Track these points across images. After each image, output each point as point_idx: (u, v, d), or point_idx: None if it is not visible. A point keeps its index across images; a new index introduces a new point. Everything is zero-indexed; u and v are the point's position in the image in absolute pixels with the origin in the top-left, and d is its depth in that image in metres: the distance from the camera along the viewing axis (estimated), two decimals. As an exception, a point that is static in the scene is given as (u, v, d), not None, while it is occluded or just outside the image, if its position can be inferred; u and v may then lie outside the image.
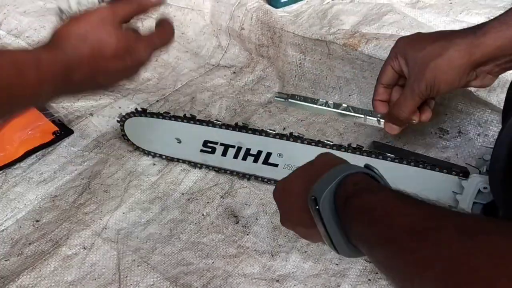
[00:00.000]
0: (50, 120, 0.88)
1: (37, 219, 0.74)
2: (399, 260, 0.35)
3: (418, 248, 0.32)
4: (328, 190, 0.44)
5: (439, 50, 0.59)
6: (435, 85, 0.60)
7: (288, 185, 0.53)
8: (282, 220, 0.55)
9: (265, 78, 1.03)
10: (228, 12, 1.10)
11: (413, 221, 0.35)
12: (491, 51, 0.57)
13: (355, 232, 0.42)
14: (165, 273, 0.66)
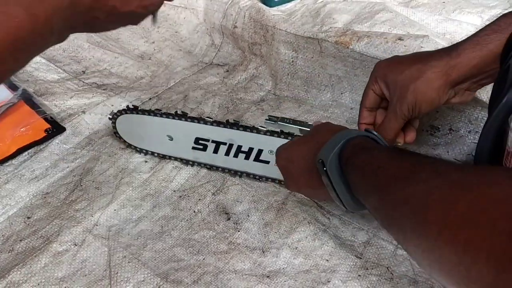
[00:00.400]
0: (42, 117, 0.88)
1: (28, 216, 0.74)
2: (387, 203, 0.40)
3: (400, 188, 0.38)
4: (334, 153, 0.51)
5: (417, 73, 0.62)
6: (417, 106, 0.63)
7: (293, 152, 0.60)
8: (288, 184, 0.63)
9: (258, 76, 1.03)
10: (221, 10, 1.10)
11: (399, 169, 0.41)
12: (467, 71, 0.60)
13: (355, 186, 0.50)
14: (155, 269, 0.66)
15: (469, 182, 0.32)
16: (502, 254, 0.26)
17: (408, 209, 0.36)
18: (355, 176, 0.49)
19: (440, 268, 0.31)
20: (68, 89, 0.98)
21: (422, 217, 0.34)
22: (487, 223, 0.28)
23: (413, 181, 0.37)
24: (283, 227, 0.72)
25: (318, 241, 0.69)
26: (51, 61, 1.05)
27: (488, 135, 0.49)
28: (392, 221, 0.39)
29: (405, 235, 0.36)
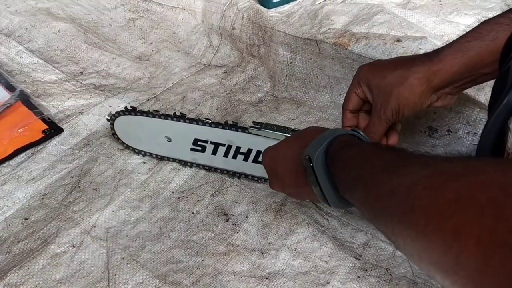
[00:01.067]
0: (40, 118, 0.88)
1: (26, 217, 0.74)
2: (373, 195, 0.41)
3: (387, 180, 0.38)
4: (320, 150, 0.51)
5: (399, 78, 0.62)
6: (400, 110, 0.63)
7: (279, 151, 0.61)
8: (272, 183, 0.63)
9: (256, 78, 1.03)
10: (219, 11, 1.10)
11: (385, 161, 0.42)
12: (448, 77, 0.61)
13: (341, 180, 0.50)
14: (154, 271, 0.66)
15: (456, 171, 0.32)
16: (490, 239, 0.26)
17: (395, 200, 0.36)
18: (341, 170, 0.49)
19: (429, 257, 0.32)
20: (66, 90, 0.98)
21: (410, 206, 0.33)
22: (474, 209, 0.28)
23: (400, 173, 0.38)
24: (282, 228, 0.72)
25: (317, 243, 0.69)
26: (48, 62, 1.05)
27: (488, 137, 0.49)
28: (379, 212, 0.39)
29: (393, 226, 0.36)
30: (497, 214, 0.27)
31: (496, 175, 0.29)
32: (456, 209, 0.29)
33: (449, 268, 0.30)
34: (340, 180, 0.50)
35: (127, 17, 1.20)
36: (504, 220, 0.26)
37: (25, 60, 1.04)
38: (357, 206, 0.48)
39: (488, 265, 0.26)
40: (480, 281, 0.27)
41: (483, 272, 0.27)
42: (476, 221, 0.28)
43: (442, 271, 0.31)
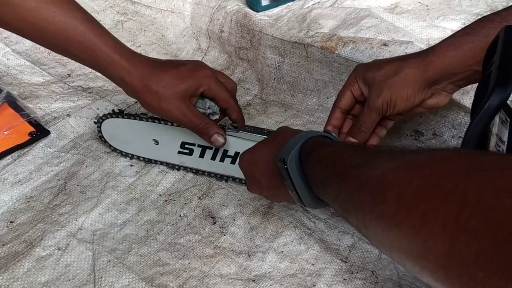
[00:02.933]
0: (27, 120, 0.87)
1: (11, 220, 0.73)
2: (344, 189, 0.42)
3: (358, 174, 0.40)
4: (294, 151, 0.53)
5: (395, 68, 0.64)
6: (392, 101, 0.64)
7: (255, 154, 0.62)
8: (250, 186, 0.64)
9: (244, 81, 1.04)
10: (208, 14, 1.10)
11: (355, 158, 0.43)
12: (442, 69, 0.62)
13: (314, 180, 0.51)
14: (140, 274, 0.65)
15: (422, 161, 0.34)
16: (455, 223, 0.28)
17: (366, 192, 0.37)
18: (314, 170, 0.51)
19: (400, 245, 0.33)
20: (53, 92, 0.97)
21: (380, 197, 0.35)
22: (440, 195, 0.30)
23: (369, 167, 0.39)
24: (269, 231, 0.72)
25: (304, 245, 0.69)
26: (36, 64, 1.04)
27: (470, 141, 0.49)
28: (351, 206, 0.40)
29: (364, 218, 0.37)
30: (461, 199, 0.28)
31: (460, 162, 0.31)
32: (423, 197, 0.31)
33: (419, 254, 0.31)
34: (313, 180, 0.51)
35: (115, 20, 1.19)
36: (467, 205, 0.28)
37: (12, 62, 1.04)
38: (330, 204, 0.49)
39: (454, 248, 0.27)
40: (448, 263, 0.28)
41: (450, 255, 0.28)
42: (441, 207, 0.29)
43: (412, 258, 0.32)
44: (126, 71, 0.66)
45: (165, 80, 0.67)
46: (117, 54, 0.66)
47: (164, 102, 0.68)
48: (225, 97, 0.72)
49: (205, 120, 0.71)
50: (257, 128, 0.73)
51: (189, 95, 0.69)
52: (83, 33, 0.64)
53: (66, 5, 0.64)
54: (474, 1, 1.12)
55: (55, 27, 0.63)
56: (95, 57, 0.66)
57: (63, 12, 0.63)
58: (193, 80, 0.69)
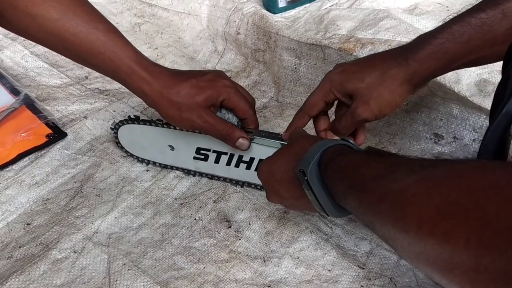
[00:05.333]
0: (44, 122, 0.88)
1: (28, 222, 0.74)
2: (365, 202, 0.42)
3: (377, 187, 0.40)
4: (313, 162, 0.52)
5: (378, 81, 0.63)
6: (381, 112, 0.65)
7: (273, 165, 0.61)
8: (270, 196, 0.64)
9: (260, 83, 1.03)
10: (224, 17, 1.10)
11: (375, 169, 0.43)
12: (426, 75, 0.63)
13: (335, 190, 0.51)
14: (155, 277, 0.65)
15: (440, 176, 0.34)
16: (478, 241, 0.28)
17: (386, 206, 0.37)
18: (334, 180, 0.50)
19: (426, 259, 0.33)
20: (71, 94, 0.98)
21: (400, 213, 0.35)
22: (460, 213, 0.30)
23: (388, 180, 0.39)
24: (285, 236, 0.71)
25: (320, 251, 0.68)
26: (53, 66, 1.05)
27: (489, 145, 0.48)
28: (373, 218, 0.40)
29: (388, 231, 0.38)
30: (481, 217, 0.29)
31: (478, 177, 0.32)
32: (444, 214, 0.31)
33: (445, 268, 0.31)
34: (334, 189, 0.51)
35: (132, 22, 1.20)
36: (488, 223, 0.28)
37: (30, 64, 1.05)
38: (353, 213, 0.49)
39: (480, 265, 0.28)
40: (475, 278, 0.29)
41: (477, 271, 0.28)
42: (463, 225, 0.30)
43: (438, 271, 0.32)
44: (146, 82, 0.67)
45: (185, 91, 0.67)
46: (138, 65, 0.66)
47: (185, 112, 0.67)
48: (244, 107, 0.72)
49: (227, 125, 0.70)
50: (271, 133, 0.73)
51: (209, 105, 0.69)
52: (104, 44, 0.64)
53: (89, 16, 0.65)
54: (496, 2, 1.09)
55: (76, 38, 0.63)
56: (116, 68, 0.66)
57: (85, 23, 0.63)
58: (212, 90, 0.69)
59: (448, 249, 0.30)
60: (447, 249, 0.30)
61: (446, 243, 0.30)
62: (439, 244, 0.31)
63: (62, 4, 0.63)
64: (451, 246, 0.30)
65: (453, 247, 0.30)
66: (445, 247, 0.31)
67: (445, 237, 0.31)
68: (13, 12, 0.61)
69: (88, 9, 0.66)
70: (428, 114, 0.84)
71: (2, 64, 1.04)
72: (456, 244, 0.30)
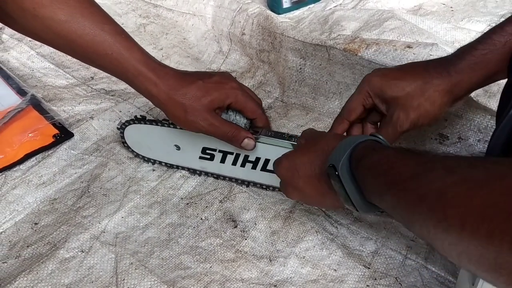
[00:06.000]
0: (51, 123, 0.89)
1: (36, 221, 0.74)
2: (403, 202, 0.42)
3: (415, 187, 0.40)
4: (345, 157, 0.51)
5: (419, 91, 0.63)
6: (419, 121, 0.64)
7: (296, 161, 0.60)
8: (291, 193, 0.63)
9: (265, 83, 1.03)
10: (229, 17, 1.10)
11: (411, 167, 0.42)
12: (468, 88, 0.62)
13: (367, 187, 0.50)
14: (162, 277, 0.66)
15: (479, 178, 0.34)
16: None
17: (427, 207, 0.37)
18: (368, 177, 0.50)
19: (469, 259, 0.34)
20: (77, 94, 0.99)
21: (442, 214, 0.35)
22: (502, 215, 0.30)
23: (426, 180, 0.39)
24: (291, 236, 0.71)
25: (326, 251, 0.69)
26: (59, 66, 1.06)
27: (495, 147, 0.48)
28: (413, 218, 0.40)
29: (428, 231, 0.38)
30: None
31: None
32: (486, 216, 0.32)
33: (490, 268, 0.32)
34: (367, 186, 0.50)
35: (138, 23, 1.20)
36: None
37: (36, 64, 1.05)
38: (388, 211, 0.48)
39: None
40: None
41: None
42: (506, 227, 0.30)
43: (483, 270, 0.33)
44: (153, 83, 0.67)
45: (191, 92, 0.68)
46: (144, 67, 0.67)
47: (190, 114, 0.68)
48: (253, 107, 0.72)
49: (232, 126, 0.71)
50: (277, 133, 0.73)
51: (215, 107, 0.70)
52: (111, 46, 0.65)
53: (96, 18, 0.65)
54: (499, 3, 1.10)
55: (84, 39, 0.64)
56: (123, 70, 0.66)
57: (92, 25, 0.64)
58: (219, 92, 0.69)
59: (492, 250, 0.31)
60: (491, 250, 0.31)
61: (489, 244, 0.31)
62: (483, 246, 0.31)
63: (69, 6, 0.63)
64: (495, 247, 0.30)
65: (497, 249, 0.30)
66: (489, 248, 0.31)
67: (489, 239, 0.31)
68: (21, 14, 0.62)
69: (95, 10, 0.66)
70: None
71: (9, 65, 1.04)
72: (500, 246, 0.30)
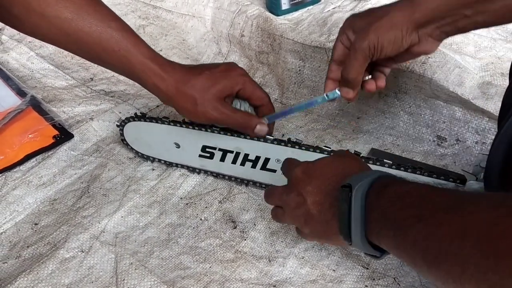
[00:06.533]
0: (51, 124, 0.89)
1: (36, 222, 0.75)
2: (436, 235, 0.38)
3: (453, 221, 0.36)
4: (366, 181, 0.48)
5: (381, 13, 0.61)
6: (379, 43, 0.61)
7: (317, 169, 0.57)
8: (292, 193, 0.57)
9: (264, 85, 1.04)
10: (228, 19, 1.11)
11: (446, 199, 0.40)
12: (430, 11, 0.59)
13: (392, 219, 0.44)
14: (162, 277, 0.66)
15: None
16: None
17: (469, 244, 0.34)
18: (391, 207, 0.45)
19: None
20: (76, 96, 0.99)
21: (490, 249, 0.32)
22: None
23: (468, 212, 0.36)
24: (290, 236, 0.72)
25: (325, 251, 0.69)
26: (59, 67, 1.06)
27: (498, 149, 0.49)
28: (445, 256, 0.36)
29: (464, 270, 0.34)
30: None
31: None
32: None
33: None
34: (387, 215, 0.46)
35: (137, 24, 1.20)
36: None
37: (36, 66, 1.06)
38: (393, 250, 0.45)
39: None
40: None
41: None
42: None
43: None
44: (161, 78, 0.67)
45: (199, 84, 0.68)
46: (152, 62, 0.67)
47: (200, 105, 0.68)
48: (261, 94, 0.73)
49: (244, 113, 0.71)
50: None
51: (224, 96, 0.70)
52: (118, 42, 0.65)
53: (102, 15, 0.65)
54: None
55: (90, 37, 0.64)
56: (130, 66, 0.67)
57: (98, 22, 0.64)
58: (227, 80, 0.70)
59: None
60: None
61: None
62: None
63: (74, 3, 0.63)
64: None
65: None
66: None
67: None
68: (27, 14, 0.62)
69: (101, 8, 0.67)
70: (431, 116, 0.85)
71: (8, 66, 1.04)
72: None
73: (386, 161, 0.68)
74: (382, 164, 0.68)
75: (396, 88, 0.88)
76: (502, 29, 1.02)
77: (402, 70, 0.86)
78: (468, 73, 0.83)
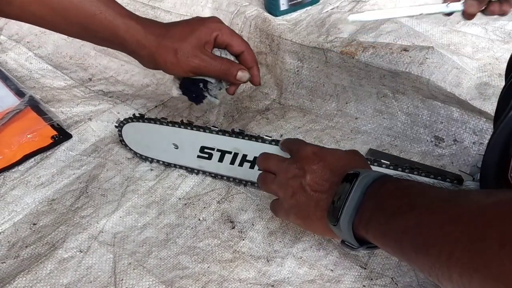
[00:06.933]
0: (49, 124, 0.89)
1: (34, 222, 0.75)
2: (428, 224, 0.40)
3: (448, 209, 0.39)
4: (372, 175, 0.51)
5: None
6: None
7: (327, 156, 0.59)
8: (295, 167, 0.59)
9: (263, 85, 1.04)
10: (227, 20, 1.11)
11: (444, 193, 0.43)
12: None
13: (387, 206, 0.47)
14: (160, 277, 0.66)
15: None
16: None
17: (459, 228, 0.36)
18: (388, 197, 0.48)
19: (508, 280, 0.32)
20: (75, 96, 0.99)
21: (479, 234, 0.34)
22: None
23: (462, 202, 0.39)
24: (288, 236, 0.72)
25: (323, 251, 0.69)
26: (57, 68, 1.06)
27: (494, 149, 0.49)
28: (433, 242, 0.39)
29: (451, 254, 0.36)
30: None
31: None
32: None
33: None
34: (384, 204, 0.48)
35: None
36: None
37: (34, 66, 1.06)
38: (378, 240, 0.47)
39: None
40: None
41: None
42: None
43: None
44: (143, 35, 0.70)
45: (178, 34, 0.70)
46: (132, 20, 0.70)
47: (181, 54, 0.70)
48: (239, 40, 0.74)
49: (224, 60, 0.73)
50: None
51: (203, 43, 0.71)
52: (98, 6, 0.68)
53: None
54: (495, 6, 1.10)
55: (73, 4, 0.67)
56: (113, 27, 0.69)
57: None
58: (204, 26, 0.72)
59: None
60: None
61: None
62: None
63: None
64: None
65: None
66: None
67: None
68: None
69: None
70: (428, 117, 0.85)
71: (7, 66, 1.05)
72: None
73: (384, 161, 0.68)
74: (380, 165, 0.68)
75: (394, 89, 0.89)
76: (500, 30, 1.02)
77: (400, 71, 0.86)
78: (466, 74, 0.84)
